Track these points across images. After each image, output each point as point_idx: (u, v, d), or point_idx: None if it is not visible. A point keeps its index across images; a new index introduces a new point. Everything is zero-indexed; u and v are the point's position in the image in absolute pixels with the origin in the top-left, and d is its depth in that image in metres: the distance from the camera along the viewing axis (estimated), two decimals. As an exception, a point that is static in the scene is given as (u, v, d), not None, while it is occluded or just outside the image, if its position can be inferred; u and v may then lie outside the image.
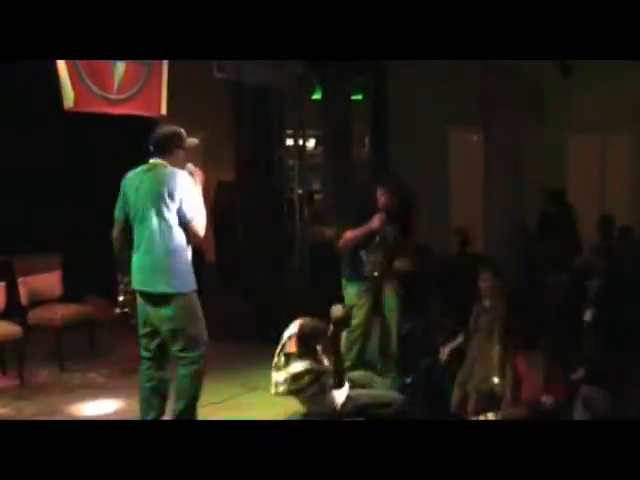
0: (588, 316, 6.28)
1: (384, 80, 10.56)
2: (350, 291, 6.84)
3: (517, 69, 9.38)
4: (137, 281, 5.20)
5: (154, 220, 5.08)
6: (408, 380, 6.62)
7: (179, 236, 5.14)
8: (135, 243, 5.18)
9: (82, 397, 6.66)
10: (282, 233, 9.41)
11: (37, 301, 7.75)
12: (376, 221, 6.63)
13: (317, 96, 10.75)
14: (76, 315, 7.90)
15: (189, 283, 5.21)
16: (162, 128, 5.36)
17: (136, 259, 5.19)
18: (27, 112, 8.28)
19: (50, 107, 6.90)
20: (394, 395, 5.91)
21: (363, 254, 6.76)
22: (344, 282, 6.91)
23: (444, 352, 6.43)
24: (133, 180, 5.22)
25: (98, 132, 8.33)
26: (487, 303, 6.21)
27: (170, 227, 5.08)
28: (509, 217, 9.67)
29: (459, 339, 6.46)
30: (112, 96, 7.04)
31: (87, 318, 8.00)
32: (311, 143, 11.26)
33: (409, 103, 10.24)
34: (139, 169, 5.26)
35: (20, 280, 7.68)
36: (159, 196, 5.07)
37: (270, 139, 9.58)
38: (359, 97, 11.10)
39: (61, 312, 7.70)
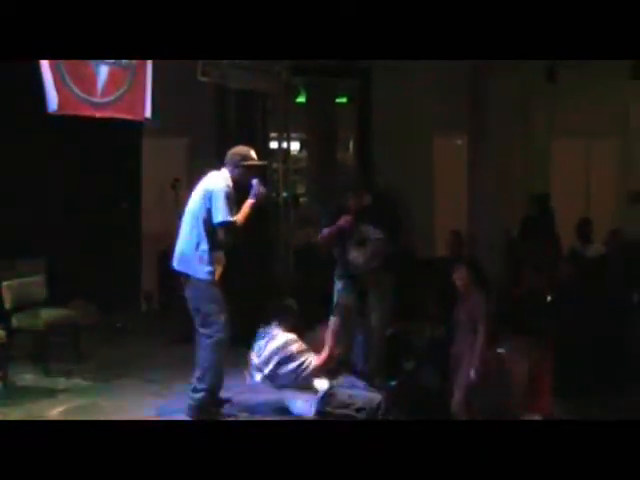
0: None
1: (369, 83, 10.60)
2: (337, 287, 7.03)
3: (502, 73, 9.41)
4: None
5: (191, 217, 5.96)
6: (393, 383, 6.61)
7: (202, 232, 5.84)
8: None
9: (67, 401, 6.64)
10: (267, 236, 9.35)
11: (21, 305, 7.69)
12: (341, 221, 6.77)
13: (302, 99, 10.79)
14: (61, 319, 7.88)
15: (203, 271, 5.89)
16: (237, 147, 6.11)
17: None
18: (8, 115, 8.30)
19: (33, 110, 6.97)
20: (373, 398, 5.97)
21: (351, 251, 6.85)
22: (335, 279, 7.08)
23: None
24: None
25: (83, 135, 8.42)
26: (465, 298, 6.21)
27: (198, 224, 5.86)
28: (493, 221, 9.76)
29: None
30: (96, 99, 7.09)
31: (72, 322, 7.98)
32: (296, 146, 11.27)
33: (394, 107, 10.31)
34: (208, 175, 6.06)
35: (4, 284, 7.63)
36: (198, 198, 5.91)
37: (255, 143, 8.96)
38: (344, 100, 11.15)
39: (45, 316, 7.66)
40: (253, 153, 6.07)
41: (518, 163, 9.94)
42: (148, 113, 7.58)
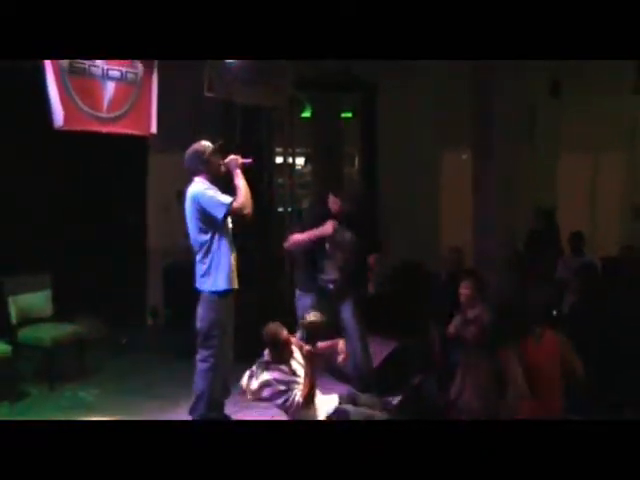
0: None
1: (374, 97, 10.56)
2: (303, 303, 6.49)
3: (507, 86, 9.38)
4: None
5: (192, 231, 5.77)
6: (395, 400, 6.44)
7: (205, 239, 5.69)
8: None
9: (72, 417, 6.57)
10: (272, 251, 9.33)
11: (27, 320, 7.67)
12: (329, 227, 6.37)
13: (307, 114, 10.79)
14: (67, 335, 7.83)
15: (204, 283, 5.74)
16: (187, 151, 5.81)
17: None
18: (11, 130, 8.23)
19: (37, 125, 6.93)
20: (373, 415, 5.73)
21: (324, 261, 6.45)
22: (297, 293, 6.61)
23: None
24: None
25: (88, 149, 8.33)
26: (470, 314, 6.18)
27: (203, 234, 5.69)
28: (499, 234, 9.58)
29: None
30: (102, 115, 7.07)
31: (78, 338, 7.93)
32: (301, 161, 11.37)
33: (399, 121, 10.26)
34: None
35: (10, 299, 7.60)
36: (192, 210, 5.69)
37: (260, 158, 9.38)
38: (349, 115, 11.13)
39: (52, 333, 7.62)
40: (205, 142, 5.80)
41: (523, 177, 9.84)
42: (154, 128, 7.56)
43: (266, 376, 5.42)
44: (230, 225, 5.83)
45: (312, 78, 8.53)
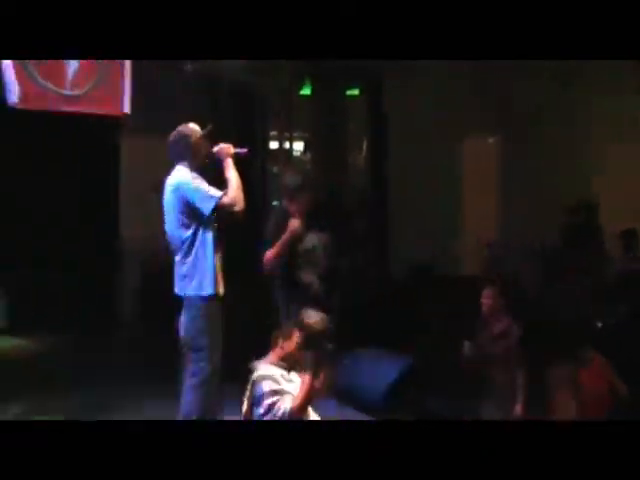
0: None
1: (384, 73, 9.97)
2: (286, 311, 6.09)
3: (536, 69, 8.80)
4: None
5: (174, 226, 5.43)
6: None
7: (190, 236, 5.40)
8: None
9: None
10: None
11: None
12: (294, 223, 5.97)
13: (306, 91, 10.24)
14: (18, 351, 7.77)
15: (185, 287, 5.48)
16: (170, 134, 5.58)
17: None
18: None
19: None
20: None
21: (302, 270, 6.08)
22: (280, 302, 6.21)
23: None
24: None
25: (50, 132, 8.03)
26: (496, 329, 5.99)
27: (185, 230, 5.38)
28: (528, 229, 9.13)
29: None
30: (65, 92, 6.77)
31: (33, 354, 7.78)
32: (299, 147, 10.93)
33: (413, 100, 9.65)
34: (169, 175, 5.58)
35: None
36: (173, 201, 5.39)
37: (252, 143, 8.91)
38: (355, 93, 10.61)
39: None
40: (193, 125, 5.51)
41: (553, 167, 9.49)
42: (126, 108, 7.11)
43: (254, 375, 4.99)
44: (215, 222, 5.54)
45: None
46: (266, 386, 4.99)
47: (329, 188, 8.15)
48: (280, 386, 5.00)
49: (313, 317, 5.17)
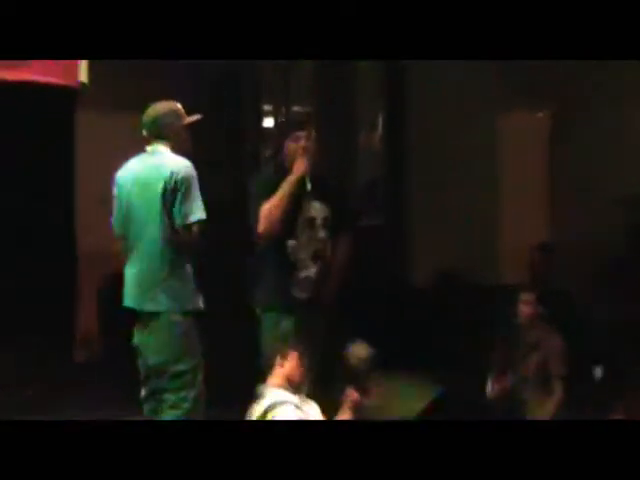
0: None
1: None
2: (267, 324, 5.60)
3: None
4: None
5: (154, 222, 5.05)
6: None
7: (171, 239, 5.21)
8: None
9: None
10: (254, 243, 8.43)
11: None
12: (300, 164, 5.41)
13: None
14: None
15: (159, 303, 5.20)
16: (155, 105, 5.30)
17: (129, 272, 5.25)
18: None
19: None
20: None
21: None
22: (258, 312, 5.67)
23: None
24: (127, 175, 5.17)
25: None
26: (533, 337, 6.00)
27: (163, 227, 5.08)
28: (584, 230, 8.36)
29: None
30: None
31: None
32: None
33: (438, 69, 8.51)
34: (134, 159, 5.20)
35: None
36: (159, 191, 5.00)
37: (240, 120, 8.81)
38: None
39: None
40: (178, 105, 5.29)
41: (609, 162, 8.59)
42: (83, 76, 6.72)
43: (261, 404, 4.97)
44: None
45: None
46: (291, 414, 4.88)
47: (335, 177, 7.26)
48: (303, 412, 4.98)
49: (360, 349, 5.07)
